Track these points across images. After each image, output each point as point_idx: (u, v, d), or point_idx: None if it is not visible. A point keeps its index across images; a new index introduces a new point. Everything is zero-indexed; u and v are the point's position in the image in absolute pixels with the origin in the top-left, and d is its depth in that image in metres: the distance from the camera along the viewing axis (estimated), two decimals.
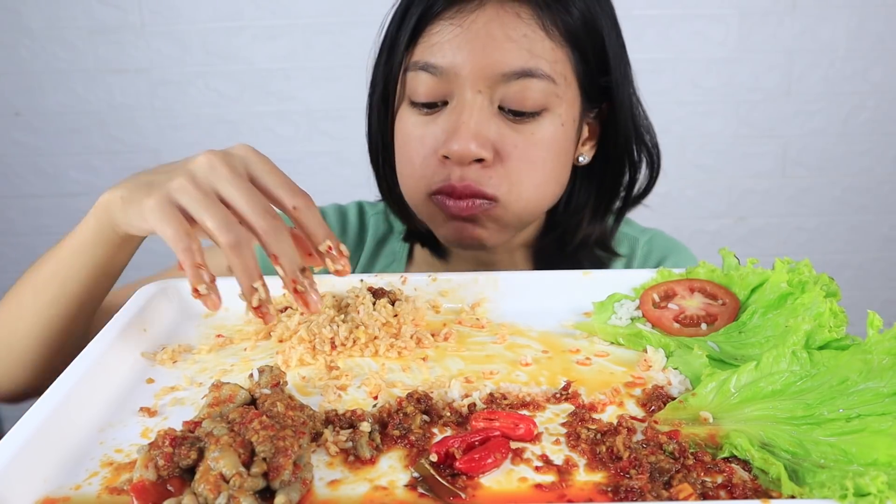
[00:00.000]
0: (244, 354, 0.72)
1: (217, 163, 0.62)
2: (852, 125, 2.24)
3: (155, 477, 0.49)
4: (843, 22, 2.13)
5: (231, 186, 0.62)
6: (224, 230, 0.60)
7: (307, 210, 0.64)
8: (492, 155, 0.86)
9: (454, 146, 0.85)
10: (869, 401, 0.56)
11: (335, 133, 2.25)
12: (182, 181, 0.62)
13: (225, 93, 2.21)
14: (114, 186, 0.70)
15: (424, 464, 0.53)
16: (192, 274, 0.61)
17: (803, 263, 0.74)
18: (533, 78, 0.84)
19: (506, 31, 0.84)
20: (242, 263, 0.60)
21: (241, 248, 0.60)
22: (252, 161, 0.65)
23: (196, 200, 0.61)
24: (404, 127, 0.91)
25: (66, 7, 2.13)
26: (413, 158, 0.90)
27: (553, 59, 0.85)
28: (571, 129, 0.91)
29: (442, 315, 0.80)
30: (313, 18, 2.14)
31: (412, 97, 0.89)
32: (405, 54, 0.89)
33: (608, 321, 0.76)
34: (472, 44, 0.84)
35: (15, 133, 2.24)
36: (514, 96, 0.85)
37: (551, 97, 0.86)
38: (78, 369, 0.62)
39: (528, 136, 0.87)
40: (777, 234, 2.36)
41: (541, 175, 0.89)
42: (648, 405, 0.62)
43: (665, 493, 0.50)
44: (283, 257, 0.61)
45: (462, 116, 0.85)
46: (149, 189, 0.64)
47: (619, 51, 0.92)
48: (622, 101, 0.93)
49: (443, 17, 0.86)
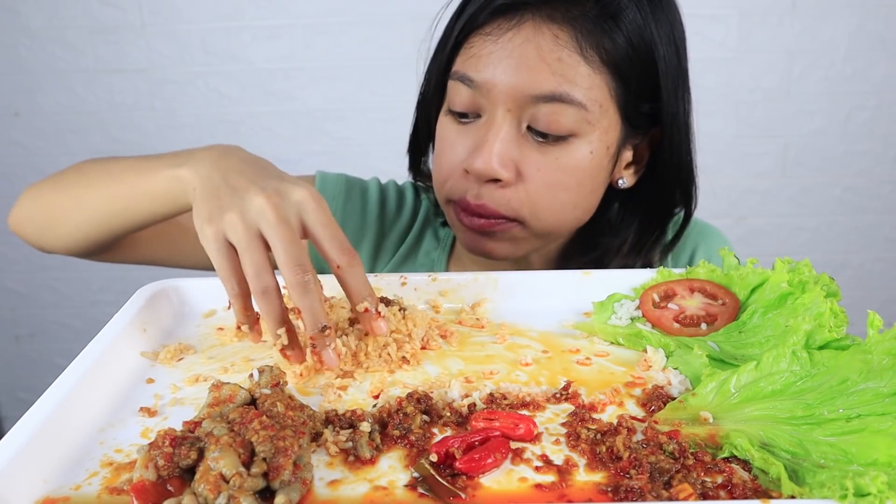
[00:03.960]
0: (244, 354, 0.72)
1: (269, 209, 0.65)
2: (852, 125, 2.23)
3: (155, 477, 0.49)
4: (843, 22, 2.13)
5: (274, 235, 0.64)
6: (255, 278, 0.64)
7: (350, 269, 0.66)
8: (513, 175, 0.86)
9: (475, 163, 0.85)
10: (869, 401, 0.56)
11: (335, 133, 2.25)
12: (234, 219, 0.65)
13: (225, 93, 2.21)
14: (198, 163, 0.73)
15: (424, 464, 0.53)
16: (240, 315, 0.68)
17: (803, 263, 0.74)
18: (564, 103, 0.83)
19: (540, 52, 0.82)
20: (269, 310, 0.65)
21: (270, 295, 0.64)
22: (308, 209, 0.66)
23: (240, 241, 0.65)
24: (442, 130, 0.92)
25: (66, 7, 2.13)
26: (442, 164, 0.92)
27: (588, 85, 0.83)
28: (604, 156, 0.89)
29: (442, 315, 0.80)
30: (313, 18, 2.14)
31: (450, 105, 0.90)
32: (450, 61, 0.90)
33: (608, 321, 0.76)
34: (506, 62, 0.83)
35: (14, 133, 2.24)
36: (542, 119, 0.84)
37: (582, 123, 0.84)
38: (78, 369, 0.62)
39: (552, 161, 0.86)
40: (777, 234, 2.36)
41: (562, 200, 0.88)
42: (648, 405, 0.62)
43: (665, 493, 0.50)
44: (306, 313, 0.64)
45: (488, 134, 0.85)
46: (213, 211, 0.67)
47: (676, 77, 0.89)
48: (672, 132, 0.91)
49: (484, 31, 0.86)
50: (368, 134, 2.24)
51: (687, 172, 0.95)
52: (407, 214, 1.12)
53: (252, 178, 0.68)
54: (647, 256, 1.01)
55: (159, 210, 0.80)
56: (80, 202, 0.87)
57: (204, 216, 0.67)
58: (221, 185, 0.68)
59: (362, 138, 2.25)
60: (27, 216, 0.94)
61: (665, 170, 0.94)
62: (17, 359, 2.50)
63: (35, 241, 0.95)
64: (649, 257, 1.01)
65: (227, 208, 0.66)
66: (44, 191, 0.93)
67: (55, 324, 2.46)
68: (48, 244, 0.94)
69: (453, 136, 0.90)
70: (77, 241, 0.90)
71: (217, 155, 0.73)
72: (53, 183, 0.92)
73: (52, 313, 2.45)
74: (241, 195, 0.66)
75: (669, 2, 0.90)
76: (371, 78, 2.19)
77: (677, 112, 0.90)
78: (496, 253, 0.92)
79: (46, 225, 0.92)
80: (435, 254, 1.09)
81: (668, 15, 0.88)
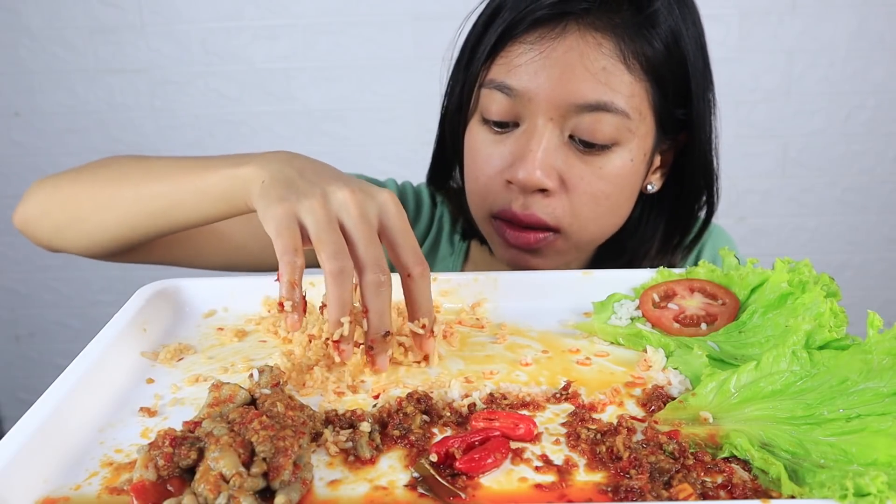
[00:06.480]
0: (244, 354, 0.72)
1: (352, 203, 0.63)
2: (852, 125, 2.24)
3: (155, 477, 0.49)
4: (843, 22, 2.13)
5: (356, 230, 0.63)
6: (334, 257, 0.61)
7: (421, 281, 0.65)
8: (557, 185, 0.86)
9: (520, 173, 0.84)
10: (869, 401, 0.56)
11: (335, 133, 2.25)
12: (314, 204, 0.63)
13: (225, 93, 2.21)
14: (265, 161, 0.70)
15: (424, 464, 0.53)
16: (287, 289, 0.61)
17: (803, 263, 0.74)
18: (607, 112, 0.83)
19: (585, 62, 0.82)
20: (339, 294, 0.61)
21: (344, 278, 0.61)
22: (389, 214, 0.65)
23: (319, 223, 0.62)
24: (474, 142, 0.91)
25: (66, 7, 2.13)
26: (479, 176, 0.90)
27: (630, 93, 0.84)
28: (641, 163, 0.89)
29: (442, 315, 0.80)
30: (313, 18, 2.14)
31: (485, 114, 0.88)
32: (482, 69, 0.88)
33: (608, 321, 0.76)
34: (549, 71, 0.83)
35: (14, 133, 2.25)
36: (585, 128, 0.84)
37: (623, 132, 0.85)
38: (78, 369, 0.62)
39: (595, 170, 0.86)
40: (777, 234, 2.36)
41: (604, 208, 0.88)
42: (648, 405, 0.62)
43: (665, 493, 0.50)
44: (374, 314, 0.63)
45: (531, 143, 0.85)
46: (286, 194, 0.64)
47: (703, 80, 0.90)
48: (699, 135, 0.91)
49: (524, 39, 0.84)
50: (368, 134, 2.24)
51: (710, 173, 0.96)
52: (425, 219, 1.11)
53: (333, 175, 0.67)
54: (672, 258, 1.01)
55: (210, 210, 0.75)
56: (111, 199, 0.81)
57: (274, 198, 0.64)
58: (297, 178, 0.66)
59: (362, 138, 2.26)
60: (42, 212, 0.87)
61: (692, 172, 0.94)
62: (17, 359, 2.50)
63: (47, 240, 0.89)
64: (674, 259, 1.02)
65: (306, 195, 0.63)
66: (63, 186, 0.86)
67: (55, 324, 2.46)
68: (64, 243, 0.88)
69: (489, 146, 0.88)
70: (100, 241, 0.84)
71: (288, 156, 0.71)
72: (74, 178, 0.86)
73: (52, 313, 2.45)
74: (322, 186, 0.64)
75: (693, 4, 0.90)
76: (371, 78, 2.19)
77: (704, 114, 0.91)
78: (538, 267, 0.91)
79: (67, 223, 0.85)
80: (450, 260, 1.09)
81: (694, 18, 0.89)
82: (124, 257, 0.90)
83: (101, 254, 0.88)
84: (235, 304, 0.81)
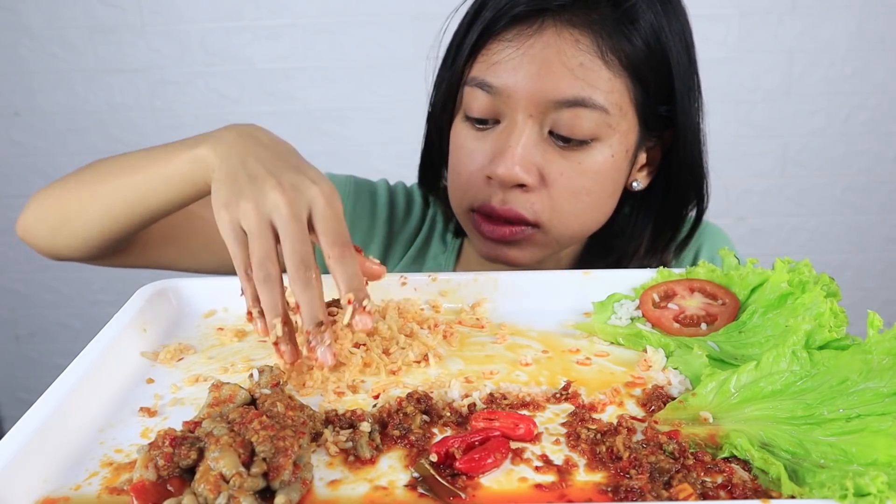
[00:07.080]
0: (244, 354, 0.72)
1: (283, 203, 0.65)
2: (852, 125, 2.23)
3: (155, 477, 0.49)
4: (843, 22, 2.13)
5: (285, 230, 0.65)
6: (259, 265, 0.64)
7: (340, 260, 0.66)
8: (536, 180, 0.86)
9: (499, 169, 0.85)
10: (869, 401, 0.56)
11: (335, 133, 2.25)
12: (248, 208, 0.66)
13: (225, 93, 2.21)
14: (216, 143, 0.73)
15: (424, 464, 0.53)
16: (251, 300, 0.66)
17: (803, 263, 0.74)
18: (585, 108, 0.83)
19: (562, 58, 0.83)
20: (268, 298, 0.64)
21: (270, 283, 0.64)
22: (317, 207, 0.66)
23: (251, 231, 0.65)
24: (458, 138, 0.92)
25: (66, 7, 2.13)
26: (461, 172, 0.91)
27: (609, 89, 0.84)
28: (623, 159, 0.89)
29: (442, 315, 0.80)
30: (313, 18, 2.14)
31: (467, 111, 0.89)
32: (465, 67, 0.89)
33: (608, 321, 0.76)
34: (527, 68, 0.83)
35: (14, 133, 2.24)
36: (564, 124, 0.84)
37: (603, 127, 0.85)
38: (78, 369, 0.62)
39: (574, 165, 0.86)
40: (777, 234, 2.36)
41: (584, 204, 0.89)
42: (648, 405, 0.62)
43: (665, 493, 0.50)
44: (305, 307, 0.64)
45: (510, 139, 0.85)
46: (228, 196, 0.67)
47: (688, 78, 0.90)
48: (685, 133, 0.91)
49: (503, 37, 0.85)
50: (368, 134, 2.24)
51: (699, 171, 0.96)
52: (416, 218, 1.11)
53: (270, 168, 0.68)
54: (663, 257, 1.01)
55: (179, 194, 0.79)
56: (94, 196, 0.84)
57: (222, 200, 0.68)
58: (239, 170, 0.69)
59: (362, 138, 2.25)
60: (37, 218, 0.91)
61: (679, 170, 0.94)
62: (17, 359, 2.50)
63: (45, 245, 0.92)
64: (664, 258, 1.01)
65: (243, 196, 0.66)
66: (53, 192, 0.90)
67: (55, 324, 2.46)
68: (60, 246, 0.90)
69: (471, 143, 0.89)
70: (89, 238, 0.87)
71: (235, 135, 0.73)
72: (63, 183, 0.90)
73: (52, 313, 2.45)
74: (258, 185, 0.66)
75: (678, 2, 0.90)
76: (371, 78, 2.19)
77: (689, 112, 0.91)
78: (517, 260, 0.92)
79: (58, 225, 0.89)
80: (442, 258, 1.09)
81: (678, 15, 0.89)
82: (118, 259, 0.93)
83: (94, 253, 0.90)
84: (235, 304, 0.81)
